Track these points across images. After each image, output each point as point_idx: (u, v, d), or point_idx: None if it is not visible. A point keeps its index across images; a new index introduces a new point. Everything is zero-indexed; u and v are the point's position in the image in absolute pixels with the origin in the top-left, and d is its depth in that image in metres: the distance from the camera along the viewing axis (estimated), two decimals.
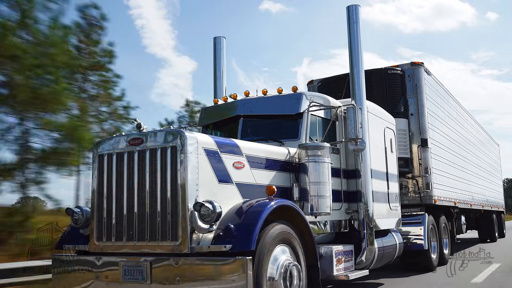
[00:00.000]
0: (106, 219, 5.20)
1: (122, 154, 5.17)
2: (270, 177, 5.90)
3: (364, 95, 7.30)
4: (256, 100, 7.10)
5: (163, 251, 4.81)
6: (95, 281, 5.13)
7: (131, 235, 5.02)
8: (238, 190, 5.37)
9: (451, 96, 13.33)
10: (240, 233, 4.60)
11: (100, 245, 5.23)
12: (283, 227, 5.14)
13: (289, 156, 6.27)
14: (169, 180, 4.85)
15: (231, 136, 6.49)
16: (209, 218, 4.64)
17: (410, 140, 10.38)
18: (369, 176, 7.24)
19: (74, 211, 5.55)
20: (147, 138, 5.06)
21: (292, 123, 6.72)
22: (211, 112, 7.64)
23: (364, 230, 7.10)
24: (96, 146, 5.45)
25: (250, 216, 4.76)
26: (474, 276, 8.84)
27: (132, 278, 4.87)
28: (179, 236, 4.72)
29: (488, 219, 18.44)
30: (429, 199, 10.36)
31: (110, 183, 5.21)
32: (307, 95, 6.87)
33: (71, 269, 5.34)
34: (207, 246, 4.65)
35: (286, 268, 4.97)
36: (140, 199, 5.01)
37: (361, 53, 7.44)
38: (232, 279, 4.37)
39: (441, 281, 8.68)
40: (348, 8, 7.53)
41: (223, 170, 5.24)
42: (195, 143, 4.94)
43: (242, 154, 5.55)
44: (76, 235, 5.62)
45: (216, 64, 8.96)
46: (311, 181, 6.11)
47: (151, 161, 4.98)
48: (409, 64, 10.70)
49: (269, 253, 4.83)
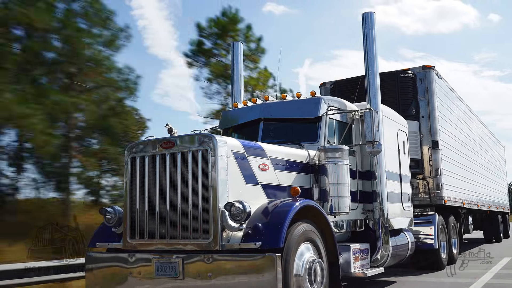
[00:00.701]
0: (139, 218, 5.47)
1: (155, 156, 5.44)
2: (292, 178, 6.17)
3: (379, 100, 7.56)
4: (276, 104, 7.38)
5: (195, 248, 5.08)
6: (128, 277, 5.40)
7: (163, 234, 5.29)
8: (263, 191, 5.65)
9: (460, 98, 13.57)
10: (269, 231, 4.88)
11: (133, 243, 5.50)
12: (307, 226, 5.41)
13: (309, 158, 6.54)
14: (200, 181, 5.12)
15: (251, 138, 6.76)
16: (239, 217, 4.91)
17: (421, 142, 10.63)
18: (384, 177, 7.51)
19: (107, 210, 5.84)
20: (178, 141, 5.34)
21: (311, 126, 6.99)
22: (231, 115, 7.92)
23: (379, 229, 7.36)
24: (128, 149, 5.72)
25: (278, 216, 5.03)
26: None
27: (164, 274, 5.14)
28: (211, 234, 4.99)
29: (493, 219, 18.68)
30: (439, 200, 10.61)
31: (143, 184, 5.48)
32: (325, 99, 7.14)
33: (105, 265, 5.62)
34: (237, 243, 4.92)
35: (310, 265, 5.24)
36: (172, 199, 5.28)
37: (376, 59, 7.69)
38: (262, 274, 4.63)
39: (450, 280, 8.91)
40: (364, 15, 7.78)
41: (250, 172, 5.52)
42: (225, 146, 5.21)
43: (266, 157, 5.82)
44: (108, 234, 5.90)
45: (234, 69, 9.24)
46: (331, 182, 6.39)
47: (182, 163, 5.26)
48: (420, 68, 10.95)
49: (295, 250, 5.10)
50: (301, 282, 5.13)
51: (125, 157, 5.70)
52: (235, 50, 9.27)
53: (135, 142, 5.83)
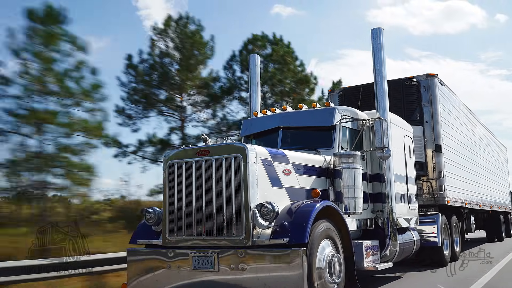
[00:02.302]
0: (177, 218, 6.17)
1: (191, 163, 6.14)
2: (311, 182, 6.87)
3: (387, 109, 8.24)
4: (293, 113, 8.08)
5: (229, 244, 5.78)
6: (167, 270, 6.09)
7: (200, 231, 6.00)
8: (287, 193, 6.35)
9: (462, 103, 14.24)
10: (295, 228, 5.58)
11: (172, 239, 6.20)
12: (326, 224, 6.11)
13: (325, 163, 7.24)
14: (233, 184, 5.82)
15: (270, 145, 7.45)
16: (269, 216, 5.61)
17: (425, 146, 11.30)
18: (392, 179, 8.19)
19: (147, 210, 6.55)
20: (213, 150, 6.04)
21: (326, 134, 7.69)
22: (251, 123, 8.62)
23: (388, 227, 8.03)
24: (166, 156, 6.42)
25: (303, 215, 5.73)
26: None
27: (201, 267, 5.84)
28: (243, 231, 5.70)
29: (495, 219, 19.27)
30: (442, 200, 11.29)
31: (180, 187, 6.19)
32: (339, 109, 7.84)
33: (146, 260, 6.31)
34: (267, 239, 5.63)
35: (330, 259, 5.94)
36: (207, 201, 5.98)
37: (384, 71, 8.35)
38: (290, 267, 5.33)
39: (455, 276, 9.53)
40: (373, 31, 8.46)
41: (275, 176, 6.22)
42: (254, 154, 5.92)
43: (289, 162, 6.53)
44: (147, 232, 6.61)
45: (251, 79, 9.94)
46: (345, 185, 7.09)
47: (217, 169, 5.96)
48: (424, 76, 11.62)
49: (317, 246, 5.80)
50: (322, 274, 5.83)
51: (163, 164, 6.39)
52: (252, 62, 9.97)
53: (172, 150, 6.52)
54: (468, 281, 8.55)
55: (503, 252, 13.96)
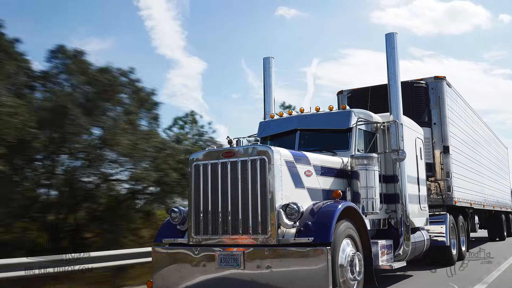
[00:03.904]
0: (203, 217, 6.37)
1: (216, 164, 6.34)
2: (330, 183, 7.09)
3: (401, 112, 8.45)
4: (311, 116, 8.30)
5: (254, 243, 5.98)
6: (193, 268, 6.29)
7: (225, 230, 6.20)
8: (308, 194, 6.56)
9: (467, 104, 14.48)
10: (319, 228, 5.80)
11: (198, 238, 6.41)
12: (347, 224, 6.33)
13: (343, 165, 7.45)
14: (259, 185, 6.03)
15: (288, 146, 7.64)
16: (294, 216, 5.83)
17: (433, 147, 11.53)
18: (406, 180, 8.41)
19: (173, 210, 6.76)
20: (238, 151, 6.25)
21: (343, 136, 7.90)
22: (268, 125, 8.83)
23: (401, 227, 8.26)
24: (192, 158, 6.61)
25: (326, 215, 5.95)
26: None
27: (227, 265, 6.04)
28: (268, 230, 5.91)
29: (497, 219, 19.55)
30: (450, 201, 11.53)
31: (206, 187, 6.39)
32: (355, 112, 8.05)
33: (171, 258, 6.51)
34: (292, 238, 5.84)
35: (351, 257, 6.17)
36: (232, 201, 6.18)
37: (398, 75, 8.56)
38: (315, 264, 5.54)
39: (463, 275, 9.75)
40: (387, 36, 8.66)
41: (298, 177, 6.43)
42: (279, 155, 6.13)
43: (310, 164, 6.74)
44: (172, 230, 6.81)
45: (265, 82, 10.15)
46: (362, 186, 7.31)
47: (242, 170, 6.16)
48: (432, 78, 11.85)
49: (340, 244, 6.02)
50: (344, 272, 6.05)
51: (189, 165, 6.59)
52: (267, 65, 10.17)
53: (198, 152, 6.72)
54: (479, 279, 8.74)
55: (504, 252, 14.14)
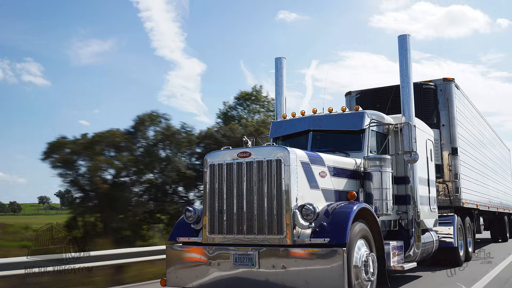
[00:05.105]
0: (218, 216, 6.40)
1: (232, 164, 6.37)
2: (343, 184, 7.11)
3: (413, 114, 8.47)
4: (324, 117, 8.31)
5: (270, 243, 6.01)
6: (207, 267, 6.32)
7: (240, 230, 6.22)
8: (323, 194, 6.59)
9: (474, 106, 14.49)
10: (335, 229, 5.83)
11: (212, 237, 6.43)
12: (362, 225, 6.36)
13: (356, 166, 7.47)
14: (274, 185, 6.05)
15: (300, 147, 7.65)
16: (310, 217, 5.85)
17: (441, 149, 11.55)
18: (417, 182, 8.43)
19: (188, 209, 6.78)
20: (254, 152, 6.27)
21: (356, 137, 7.92)
22: (281, 125, 8.85)
23: (412, 228, 8.28)
24: (207, 157, 6.63)
25: (342, 216, 5.98)
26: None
27: (242, 264, 6.07)
28: (284, 231, 5.94)
29: (500, 220, 19.60)
30: (458, 202, 11.54)
31: (221, 187, 6.41)
32: (368, 113, 8.07)
33: (185, 256, 6.54)
34: (307, 239, 5.87)
35: (366, 258, 6.20)
36: (248, 201, 6.21)
37: (411, 77, 8.57)
38: (330, 265, 5.57)
39: (470, 274, 9.80)
40: (399, 38, 8.66)
41: (313, 178, 6.46)
42: (295, 156, 6.15)
43: (324, 165, 6.76)
44: (186, 229, 6.84)
45: (277, 82, 10.15)
46: (375, 187, 7.34)
47: (258, 170, 6.18)
48: (441, 80, 11.86)
49: (354, 245, 6.05)
50: (359, 272, 6.08)
51: (204, 165, 6.60)
52: (279, 65, 10.17)
53: (213, 152, 6.73)
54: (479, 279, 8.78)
55: (504, 252, 14.15)
